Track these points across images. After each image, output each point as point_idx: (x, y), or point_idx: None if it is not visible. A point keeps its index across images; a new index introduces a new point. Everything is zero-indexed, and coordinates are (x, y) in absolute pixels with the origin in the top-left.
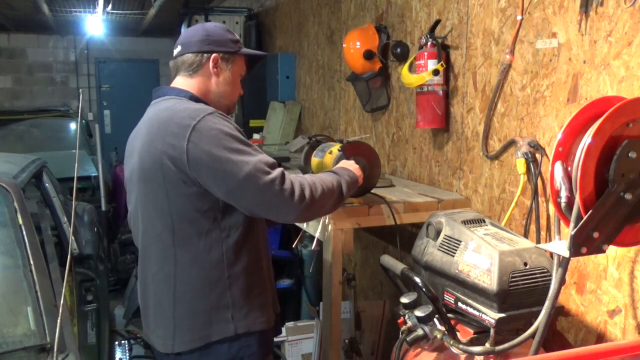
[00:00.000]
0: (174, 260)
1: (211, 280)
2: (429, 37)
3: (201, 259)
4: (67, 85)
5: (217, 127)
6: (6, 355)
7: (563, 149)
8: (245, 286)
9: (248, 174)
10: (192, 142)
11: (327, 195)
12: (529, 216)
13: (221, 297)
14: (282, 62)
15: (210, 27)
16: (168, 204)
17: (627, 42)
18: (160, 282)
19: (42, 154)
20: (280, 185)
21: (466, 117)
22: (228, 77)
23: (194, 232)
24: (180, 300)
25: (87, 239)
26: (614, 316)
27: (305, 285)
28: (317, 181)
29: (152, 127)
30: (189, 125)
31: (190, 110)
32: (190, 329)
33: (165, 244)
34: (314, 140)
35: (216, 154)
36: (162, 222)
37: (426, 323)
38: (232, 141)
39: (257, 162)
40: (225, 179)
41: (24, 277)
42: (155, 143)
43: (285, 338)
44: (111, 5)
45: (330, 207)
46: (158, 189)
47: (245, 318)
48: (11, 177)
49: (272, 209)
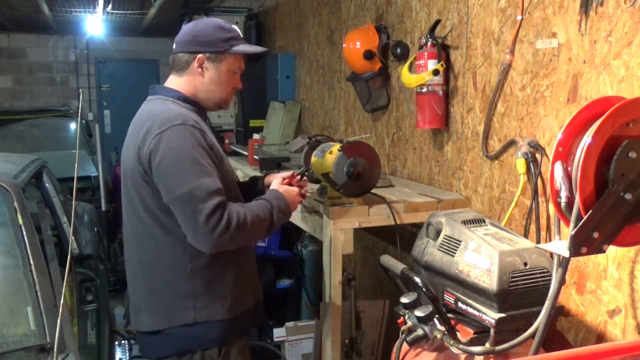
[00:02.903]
0: (144, 251)
1: (175, 272)
2: (429, 37)
3: (166, 253)
4: (67, 85)
5: (177, 141)
6: (6, 355)
7: (563, 149)
8: (207, 279)
9: (182, 195)
10: (151, 147)
11: (254, 230)
12: (529, 216)
13: (183, 288)
14: (282, 62)
15: (201, 26)
16: (137, 199)
17: (627, 42)
18: (134, 267)
19: (42, 154)
20: (206, 217)
21: (466, 117)
22: (214, 76)
23: (159, 228)
24: (148, 286)
25: (87, 239)
26: (614, 316)
27: (305, 285)
28: (249, 216)
29: (133, 128)
30: (154, 133)
31: (162, 118)
32: (154, 312)
33: (136, 236)
34: (314, 140)
35: (164, 165)
36: (135, 215)
37: (426, 323)
38: (183, 159)
39: (196, 188)
40: (165, 190)
41: (24, 277)
42: (131, 143)
43: (285, 338)
44: (111, 5)
45: (255, 239)
46: (131, 185)
47: (206, 308)
48: (11, 177)
49: (190, 234)
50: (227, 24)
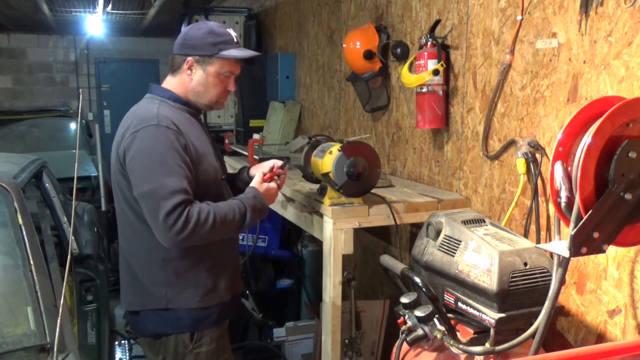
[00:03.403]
0: (126, 238)
1: (150, 260)
2: (429, 37)
3: (142, 241)
4: (67, 85)
5: (149, 141)
6: (6, 355)
7: (563, 149)
8: (179, 269)
9: (146, 191)
10: (126, 144)
11: (220, 229)
12: (529, 216)
13: (157, 275)
14: (282, 62)
15: (193, 30)
16: (119, 191)
17: (627, 42)
18: (122, 250)
19: (42, 154)
20: (165, 215)
21: (466, 117)
22: (202, 78)
23: (136, 218)
24: (129, 270)
25: (87, 239)
26: (614, 316)
27: (305, 285)
28: (212, 216)
29: (120, 124)
30: (131, 131)
31: (140, 117)
32: (132, 294)
33: (122, 224)
34: (314, 140)
35: (134, 163)
36: (118, 205)
37: (426, 323)
38: (152, 158)
39: (159, 187)
40: (133, 185)
41: (24, 277)
42: (116, 139)
43: (285, 338)
44: (111, 5)
45: (221, 236)
46: (114, 177)
47: (178, 295)
48: (11, 177)
49: (153, 228)
50: (221, 27)
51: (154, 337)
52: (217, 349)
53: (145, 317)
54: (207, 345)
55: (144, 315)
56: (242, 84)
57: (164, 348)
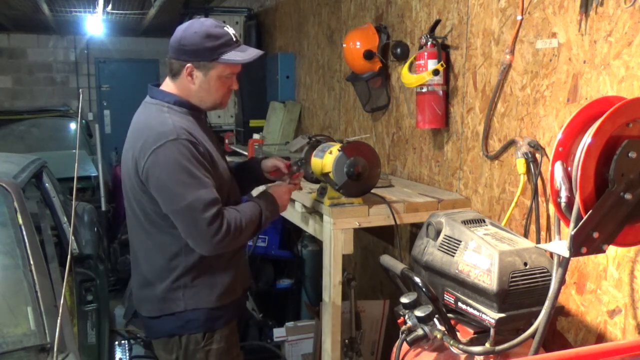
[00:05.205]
0: (143, 247)
1: (169, 268)
2: (429, 37)
3: (162, 249)
4: (67, 85)
5: (173, 156)
6: (6, 355)
7: (563, 149)
8: (197, 273)
9: (181, 208)
10: (148, 163)
11: (247, 232)
12: (529, 216)
13: (175, 281)
14: (282, 62)
15: (189, 34)
16: (135, 204)
17: (627, 42)
18: (135, 259)
19: (42, 154)
20: (206, 226)
21: (466, 117)
22: (204, 84)
23: (155, 229)
24: (145, 277)
25: (87, 239)
26: (614, 316)
27: (305, 285)
28: (244, 221)
29: (132, 133)
30: (150, 147)
31: (158, 132)
32: (150, 301)
33: (137, 233)
34: (314, 140)
35: (163, 181)
36: (134, 215)
37: (426, 323)
38: (181, 172)
39: (194, 201)
40: (165, 203)
41: (24, 277)
42: (130, 151)
43: (285, 338)
44: (111, 5)
45: (248, 239)
46: (129, 190)
47: (194, 297)
48: (11, 177)
49: (191, 240)
50: (218, 28)
51: (168, 337)
52: (227, 347)
53: (162, 321)
54: (217, 343)
55: (160, 319)
56: (242, 84)
57: (177, 347)
